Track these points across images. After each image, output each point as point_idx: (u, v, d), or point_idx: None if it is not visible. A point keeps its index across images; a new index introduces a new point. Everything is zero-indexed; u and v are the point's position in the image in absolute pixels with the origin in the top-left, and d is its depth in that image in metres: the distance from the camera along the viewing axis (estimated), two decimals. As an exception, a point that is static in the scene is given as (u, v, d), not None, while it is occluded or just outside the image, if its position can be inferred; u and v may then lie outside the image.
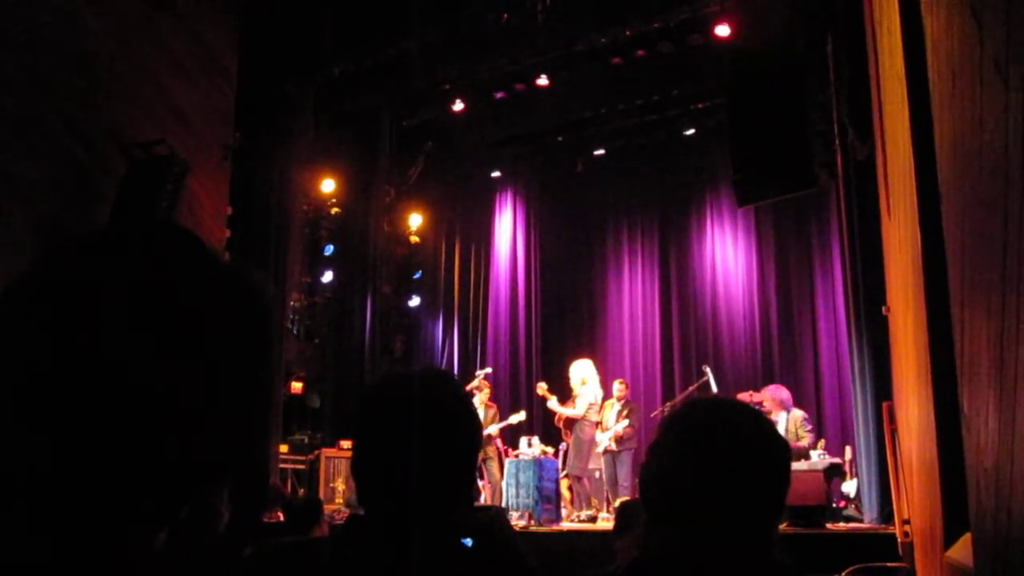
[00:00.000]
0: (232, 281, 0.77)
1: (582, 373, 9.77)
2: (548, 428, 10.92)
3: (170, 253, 0.75)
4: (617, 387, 10.05)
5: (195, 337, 0.72)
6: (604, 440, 9.64)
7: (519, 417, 10.39)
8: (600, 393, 9.77)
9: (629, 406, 9.88)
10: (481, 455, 9.66)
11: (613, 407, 9.86)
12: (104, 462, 0.68)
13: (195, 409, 0.71)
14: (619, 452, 9.52)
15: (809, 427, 8.75)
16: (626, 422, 9.58)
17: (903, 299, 4.87)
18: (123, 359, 0.68)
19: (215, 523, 0.88)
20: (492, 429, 9.99)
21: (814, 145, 7.55)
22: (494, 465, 9.88)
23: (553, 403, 9.94)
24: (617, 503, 7.78)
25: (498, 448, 10.28)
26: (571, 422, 9.60)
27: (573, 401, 9.71)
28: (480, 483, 9.71)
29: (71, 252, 0.73)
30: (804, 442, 8.50)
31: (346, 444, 10.12)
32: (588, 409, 9.57)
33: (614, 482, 9.51)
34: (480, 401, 9.72)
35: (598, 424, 9.74)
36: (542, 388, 10.36)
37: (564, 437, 9.89)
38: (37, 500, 0.67)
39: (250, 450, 0.79)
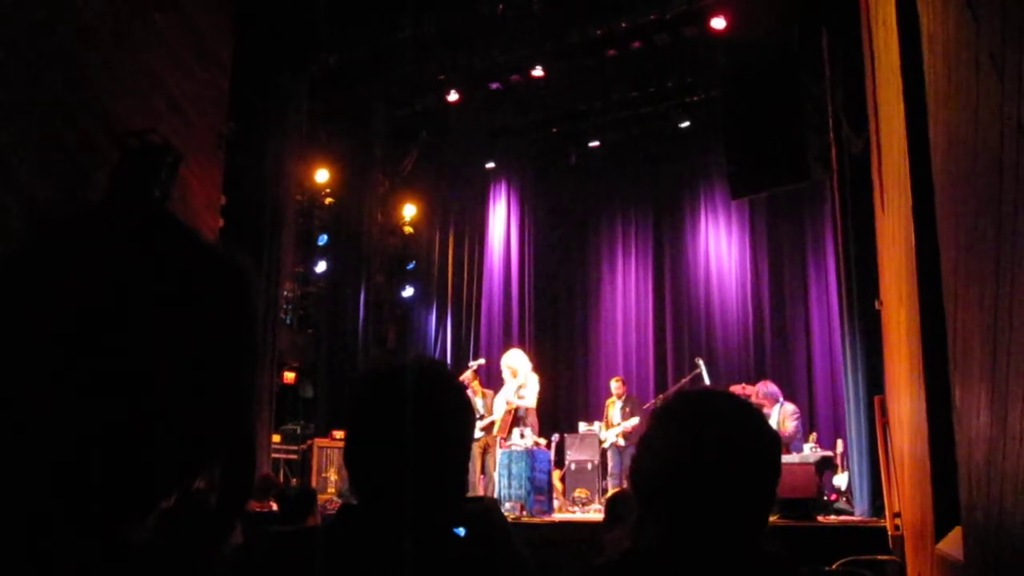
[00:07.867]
0: (213, 261, 0.76)
1: (521, 362, 9.66)
2: (542, 419, 10.83)
3: (149, 232, 0.74)
4: (615, 385, 10.18)
5: (176, 315, 0.71)
6: (611, 436, 9.83)
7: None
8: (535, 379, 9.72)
9: (631, 401, 10.04)
10: (482, 445, 9.58)
11: (615, 404, 10.01)
12: (89, 446, 0.68)
13: (179, 391, 0.71)
14: (626, 447, 9.63)
15: (795, 418, 8.77)
16: (635, 419, 9.72)
17: (896, 293, 4.88)
18: (105, 340, 0.68)
19: (202, 508, 0.88)
20: (499, 412, 9.69)
21: (808, 138, 7.55)
22: (490, 459, 9.64)
23: (499, 411, 9.57)
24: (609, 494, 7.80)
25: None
26: (517, 421, 9.42)
27: (518, 392, 9.54)
28: (479, 476, 9.60)
29: (51, 234, 0.73)
30: (787, 430, 8.54)
31: (339, 434, 10.10)
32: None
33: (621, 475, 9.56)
34: (473, 391, 9.61)
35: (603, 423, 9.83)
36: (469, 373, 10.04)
37: (501, 444, 9.39)
38: (22, 486, 0.67)
39: (236, 433, 0.79)
